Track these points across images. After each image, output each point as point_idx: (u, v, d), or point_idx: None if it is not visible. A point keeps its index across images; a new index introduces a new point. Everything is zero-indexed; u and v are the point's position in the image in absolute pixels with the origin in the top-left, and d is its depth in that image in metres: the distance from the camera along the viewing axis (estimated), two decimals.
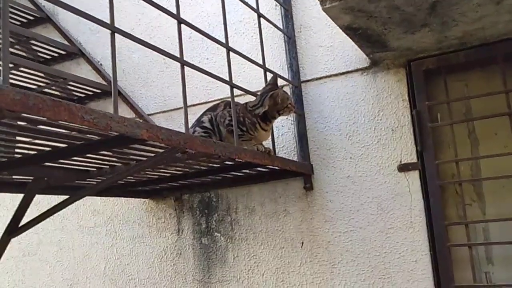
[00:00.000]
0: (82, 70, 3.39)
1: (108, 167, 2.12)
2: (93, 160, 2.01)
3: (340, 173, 2.60)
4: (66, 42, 3.45)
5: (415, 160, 2.45)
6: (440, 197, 2.38)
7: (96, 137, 1.59)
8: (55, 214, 3.23)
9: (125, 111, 3.21)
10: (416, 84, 2.47)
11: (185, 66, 1.88)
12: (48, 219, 3.26)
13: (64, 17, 3.49)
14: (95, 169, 2.15)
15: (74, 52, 3.40)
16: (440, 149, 2.49)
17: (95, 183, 2.29)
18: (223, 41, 2.14)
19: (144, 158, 1.94)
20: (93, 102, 3.34)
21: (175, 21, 1.86)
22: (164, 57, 3.14)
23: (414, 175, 2.45)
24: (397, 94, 2.52)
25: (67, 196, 2.06)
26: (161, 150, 1.85)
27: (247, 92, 2.29)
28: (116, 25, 1.60)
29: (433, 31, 2.23)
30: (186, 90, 3.14)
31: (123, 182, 2.58)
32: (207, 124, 2.30)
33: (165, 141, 1.57)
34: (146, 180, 2.57)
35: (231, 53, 2.16)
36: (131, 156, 2.01)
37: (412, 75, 2.48)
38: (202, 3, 3.08)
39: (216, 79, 2.02)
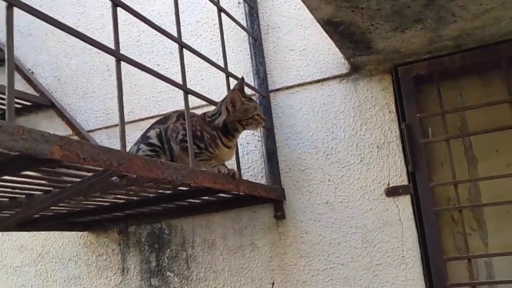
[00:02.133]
0: None
1: (24, 196, 1.63)
2: (3, 188, 1.53)
3: (317, 199, 2.18)
4: None
5: (405, 182, 2.07)
6: (437, 227, 1.99)
7: None
8: None
9: (60, 127, 2.71)
10: (404, 93, 2.10)
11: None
12: None
13: None
14: (7, 199, 1.65)
15: (0, 58, 2.88)
16: (432, 169, 2.13)
17: (8, 215, 1.78)
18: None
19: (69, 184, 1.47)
20: (22, 117, 2.81)
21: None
22: (107, 63, 2.72)
23: (405, 200, 2.06)
24: (382, 105, 2.15)
25: None
26: (89, 174, 1.38)
27: (204, 99, 1.85)
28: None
29: (426, 29, 1.88)
30: (133, 101, 2.71)
31: (51, 213, 2.07)
32: (154, 140, 1.84)
33: (89, 162, 1.11)
34: (80, 210, 2.08)
35: (186, 59, 1.72)
36: (54, 183, 1.53)
37: (400, 82, 2.12)
38: (153, 1, 2.64)
39: (165, 80, 1.58)
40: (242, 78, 1.93)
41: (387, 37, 1.94)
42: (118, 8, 1.45)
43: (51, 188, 1.56)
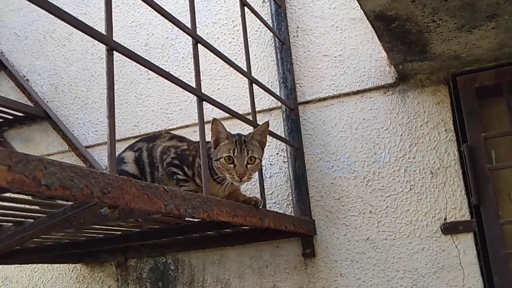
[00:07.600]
0: (2, 87, 2.55)
1: None
2: None
3: (355, 234, 1.80)
4: None
5: (467, 217, 1.69)
6: (509, 274, 1.60)
7: None
8: None
9: (54, 141, 2.38)
10: (465, 107, 1.73)
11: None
12: None
13: None
14: None
15: None
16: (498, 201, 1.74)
17: None
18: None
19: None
20: (13, 130, 2.48)
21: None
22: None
23: (467, 240, 1.67)
24: (437, 122, 1.78)
25: None
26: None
27: (224, 108, 1.48)
28: None
29: (499, 28, 1.53)
30: (139, 113, 2.37)
31: (33, 245, 1.71)
32: (129, 167, 1.53)
33: (55, 191, 0.75)
34: (68, 243, 1.72)
35: (201, 64, 1.37)
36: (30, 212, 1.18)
37: (460, 95, 1.75)
38: (165, 1, 2.31)
39: (173, 81, 1.23)
40: (267, 123, 1.52)
41: (449, 38, 1.58)
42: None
43: (23, 219, 1.21)
